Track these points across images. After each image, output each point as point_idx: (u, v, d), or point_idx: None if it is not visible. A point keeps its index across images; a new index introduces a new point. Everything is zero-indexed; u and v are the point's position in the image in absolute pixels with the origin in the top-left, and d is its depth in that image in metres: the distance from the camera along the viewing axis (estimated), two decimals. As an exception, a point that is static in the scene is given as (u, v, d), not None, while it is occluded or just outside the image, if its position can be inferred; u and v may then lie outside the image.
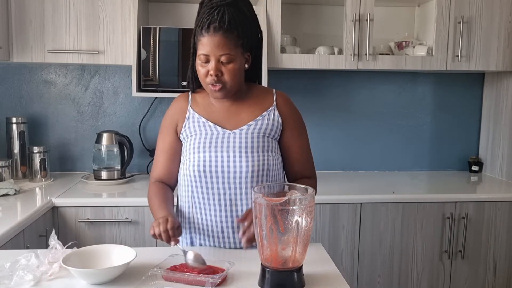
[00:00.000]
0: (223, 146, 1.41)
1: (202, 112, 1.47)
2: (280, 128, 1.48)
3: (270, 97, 1.50)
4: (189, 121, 1.47)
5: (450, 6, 2.51)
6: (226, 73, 1.36)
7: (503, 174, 2.76)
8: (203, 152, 1.41)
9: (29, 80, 2.71)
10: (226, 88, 1.39)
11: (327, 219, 2.30)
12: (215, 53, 1.34)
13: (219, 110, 1.47)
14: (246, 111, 1.47)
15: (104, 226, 2.18)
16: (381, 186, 2.59)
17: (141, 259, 1.27)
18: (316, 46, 2.58)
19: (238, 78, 1.40)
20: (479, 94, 2.98)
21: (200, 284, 1.16)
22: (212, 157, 1.41)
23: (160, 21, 2.66)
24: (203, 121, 1.45)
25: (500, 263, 2.43)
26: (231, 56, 1.35)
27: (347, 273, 2.33)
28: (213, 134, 1.43)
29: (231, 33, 1.34)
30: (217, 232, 1.45)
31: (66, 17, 2.36)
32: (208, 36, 1.34)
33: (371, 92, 2.90)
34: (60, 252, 1.26)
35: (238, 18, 1.36)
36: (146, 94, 2.45)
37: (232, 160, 1.40)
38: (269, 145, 1.44)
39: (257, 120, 1.45)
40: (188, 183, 1.45)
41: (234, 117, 1.46)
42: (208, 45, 1.34)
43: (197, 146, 1.43)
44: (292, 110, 1.52)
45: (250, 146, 1.41)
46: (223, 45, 1.33)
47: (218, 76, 1.36)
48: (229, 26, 1.33)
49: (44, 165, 2.51)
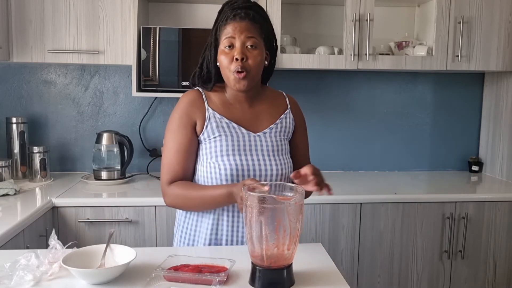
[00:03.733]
0: (252, 150, 1.42)
1: (222, 112, 1.44)
2: (293, 129, 1.53)
3: (283, 100, 1.54)
4: (210, 121, 1.42)
5: (450, 6, 2.51)
6: (251, 58, 1.36)
7: (503, 174, 2.76)
8: (233, 155, 1.40)
9: (29, 80, 2.71)
10: (250, 76, 1.37)
11: (327, 219, 2.30)
12: (241, 35, 1.36)
13: (239, 110, 1.46)
14: (264, 113, 1.48)
15: (104, 226, 2.18)
16: (381, 186, 2.59)
17: (141, 259, 1.27)
18: (316, 46, 2.58)
19: (259, 69, 1.40)
20: (479, 94, 2.98)
21: (205, 283, 1.16)
22: (243, 160, 1.40)
23: (160, 21, 2.66)
24: (226, 122, 1.43)
25: (500, 263, 2.43)
26: (256, 41, 1.37)
27: (347, 273, 2.33)
28: (239, 137, 1.42)
29: (256, 23, 1.38)
30: (243, 232, 1.45)
31: (66, 17, 2.36)
32: (234, 22, 1.37)
33: (371, 92, 2.90)
34: (60, 252, 1.26)
35: (261, 16, 1.41)
36: (146, 94, 2.45)
37: (263, 164, 1.42)
38: (287, 148, 1.50)
39: (277, 124, 1.48)
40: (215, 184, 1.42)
41: (254, 119, 1.47)
42: (235, 29, 1.36)
43: (225, 149, 1.40)
44: (301, 112, 1.58)
45: (276, 150, 1.44)
46: (249, 28, 1.36)
47: (243, 61, 1.35)
48: (254, 18, 1.38)
49: (44, 165, 2.51)
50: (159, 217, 2.20)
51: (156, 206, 2.19)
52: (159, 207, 2.20)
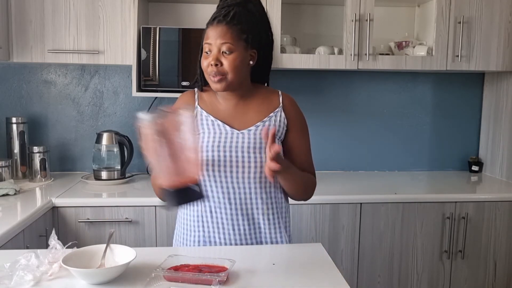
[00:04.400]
0: (232, 146, 1.43)
1: (209, 110, 1.48)
2: (285, 129, 1.50)
3: (276, 98, 1.52)
4: (197, 118, 1.47)
5: (450, 6, 2.51)
6: (226, 63, 1.38)
7: (503, 174, 2.76)
8: (212, 151, 1.42)
9: (29, 80, 2.71)
10: (226, 79, 1.39)
11: (327, 219, 2.30)
12: (216, 41, 1.37)
13: (226, 108, 1.48)
14: (253, 111, 1.48)
15: (104, 226, 2.18)
16: (381, 186, 2.59)
17: (141, 259, 1.27)
18: (316, 46, 2.58)
19: (239, 71, 1.40)
20: (479, 94, 2.98)
21: (205, 283, 1.16)
22: (221, 156, 1.42)
23: (160, 21, 2.66)
24: (212, 120, 1.46)
25: (500, 263, 2.43)
26: (232, 46, 1.37)
27: (347, 273, 2.33)
28: (222, 134, 1.44)
29: (234, 25, 1.38)
30: (229, 229, 1.45)
31: (66, 17, 2.36)
32: (211, 27, 1.39)
33: (371, 92, 2.90)
34: (60, 252, 1.26)
35: (245, 15, 1.40)
36: (146, 94, 2.45)
37: (241, 160, 1.42)
38: None
39: (264, 121, 1.47)
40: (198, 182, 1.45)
41: (241, 117, 1.47)
42: (211, 35, 1.38)
43: (205, 145, 1.43)
44: (297, 112, 1.54)
45: (258, 147, 1.43)
46: (224, 34, 1.37)
47: (217, 66, 1.37)
48: (232, 19, 1.38)
49: (44, 165, 2.51)
50: (159, 217, 2.20)
51: (156, 206, 2.19)
52: (159, 207, 2.20)
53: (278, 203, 1.49)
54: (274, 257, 1.38)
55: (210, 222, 1.46)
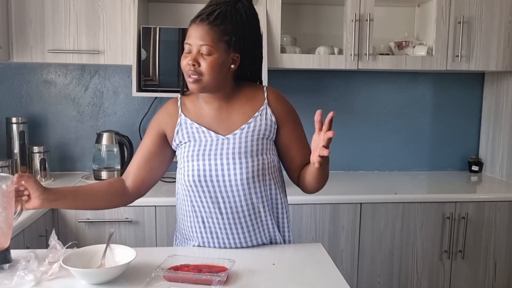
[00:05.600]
0: (217, 154, 1.39)
1: (193, 117, 1.44)
2: (275, 127, 1.43)
3: (260, 95, 1.45)
4: (181, 127, 1.44)
5: (450, 6, 2.51)
6: (203, 64, 1.33)
7: (503, 174, 2.76)
8: (197, 160, 1.39)
9: (29, 80, 2.71)
10: (202, 81, 1.34)
11: (327, 219, 2.30)
12: (196, 42, 1.33)
13: (209, 113, 1.44)
14: (236, 113, 1.43)
15: (104, 226, 2.18)
16: (381, 186, 2.59)
17: (141, 259, 1.27)
18: (316, 46, 2.58)
19: (216, 73, 1.35)
20: (479, 94, 2.98)
21: (205, 283, 1.16)
22: (206, 165, 1.38)
23: (160, 21, 2.66)
24: (196, 127, 1.43)
25: (500, 263, 2.43)
26: (211, 48, 1.32)
27: (347, 273, 2.33)
28: (207, 141, 1.41)
29: (217, 26, 1.33)
30: (223, 238, 1.43)
31: (66, 17, 2.36)
32: (193, 26, 1.34)
33: (371, 92, 2.90)
34: (60, 252, 1.26)
35: (230, 16, 1.34)
36: (146, 94, 2.45)
37: (226, 168, 1.38)
38: (263, 148, 1.41)
39: (249, 123, 1.41)
40: (186, 192, 1.42)
41: (226, 120, 1.42)
42: (192, 34, 1.34)
43: (191, 154, 1.40)
44: (285, 105, 1.47)
45: (244, 152, 1.38)
46: (204, 35, 1.32)
47: (195, 67, 1.33)
48: (216, 19, 1.33)
49: (44, 165, 2.51)
50: (159, 217, 2.20)
51: (156, 206, 2.20)
52: (159, 207, 2.20)
53: (273, 207, 1.45)
54: (274, 257, 1.38)
55: (204, 233, 1.44)
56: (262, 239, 1.46)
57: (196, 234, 1.45)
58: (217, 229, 1.42)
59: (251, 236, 1.43)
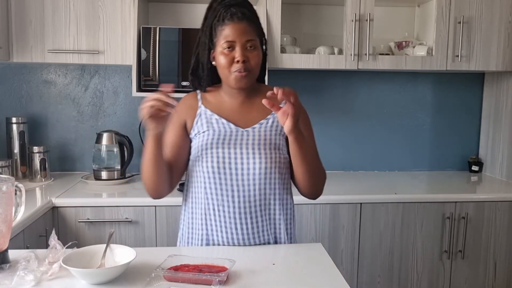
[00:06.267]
0: (236, 144, 1.43)
1: (214, 109, 1.48)
2: None
3: None
4: (201, 117, 1.48)
5: (450, 6, 2.51)
6: (252, 59, 1.39)
7: (503, 174, 2.76)
8: (216, 148, 1.43)
9: (29, 80, 2.71)
10: (251, 75, 1.41)
11: (327, 219, 2.30)
12: (241, 39, 1.38)
13: (231, 106, 1.49)
14: (257, 109, 1.48)
15: (104, 226, 2.18)
16: (381, 186, 2.59)
17: (141, 259, 1.27)
18: (316, 46, 2.58)
19: (259, 68, 1.44)
20: (479, 94, 2.98)
21: (205, 283, 1.16)
22: (226, 153, 1.43)
23: (160, 21, 2.66)
24: (216, 118, 1.46)
25: (500, 263, 2.43)
26: (255, 43, 1.40)
27: (347, 273, 2.33)
28: (227, 131, 1.45)
29: (254, 24, 1.41)
30: (231, 228, 1.44)
31: (66, 17, 2.36)
32: (232, 24, 1.38)
33: (371, 92, 2.90)
34: (60, 252, 1.26)
35: (256, 16, 1.45)
36: (146, 94, 2.43)
37: (246, 157, 1.42)
38: (280, 143, 1.47)
39: (268, 119, 1.48)
40: (202, 179, 1.45)
41: (246, 115, 1.48)
42: (234, 32, 1.38)
43: (210, 143, 1.43)
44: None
45: (263, 144, 1.44)
46: (248, 31, 1.39)
47: (245, 62, 1.38)
48: (251, 18, 1.41)
49: (44, 165, 2.51)
50: (159, 217, 2.20)
51: (156, 206, 2.20)
52: (159, 207, 2.20)
53: (283, 199, 1.48)
54: (274, 257, 1.38)
55: (213, 221, 1.45)
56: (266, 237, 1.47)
57: (204, 222, 1.46)
58: (226, 219, 1.44)
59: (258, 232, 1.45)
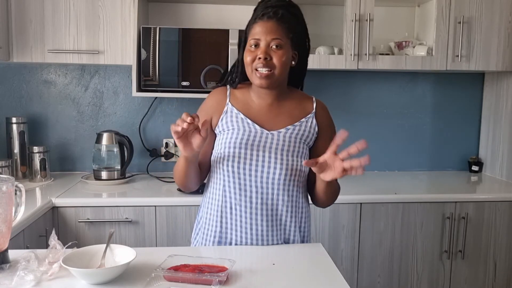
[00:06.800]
0: (260, 146, 1.43)
1: (241, 108, 1.48)
2: (315, 136, 1.50)
3: (310, 104, 1.53)
4: (227, 115, 1.47)
5: (450, 6, 2.51)
6: (275, 57, 1.39)
7: (503, 174, 2.76)
8: (239, 148, 1.42)
9: (29, 80, 2.71)
10: (273, 75, 1.40)
11: (327, 219, 2.30)
12: (266, 37, 1.39)
13: (259, 107, 1.48)
14: (285, 113, 1.48)
15: (104, 226, 2.18)
16: (381, 186, 2.59)
17: (141, 259, 1.27)
18: (316, 46, 2.58)
19: (284, 69, 1.42)
20: (479, 94, 2.98)
21: (205, 283, 1.16)
22: (248, 154, 1.42)
23: (160, 21, 2.66)
24: (242, 117, 1.46)
25: (500, 263, 2.43)
26: (281, 42, 1.39)
27: (347, 273, 2.33)
28: (251, 132, 1.44)
29: (284, 23, 1.41)
30: (246, 228, 1.44)
31: (66, 17, 2.36)
32: (261, 23, 1.40)
33: (371, 92, 2.90)
34: (60, 252, 1.26)
35: (292, 16, 1.44)
36: (146, 94, 2.45)
37: (267, 161, 1.42)
38: (302, 151, 1.46)
39: (295, 125, 1.47)
40: (221, 176, 1.45)
41: (273, 118, 1.47)
42: (260, 30, 1.39)
43: (233, 141, 1.43)
44: (329, 120, 1.55)
45: (286, 150, 1.43)
46: (274, 30, 1.39)
47: (266, 60, 1.38)
48: (282, 17, 1.41)
49: (44, 165, 2.51)
50: (159, 217, 2.20)
51: (156, 206, 2.20)
52: (159, 207, 2.20)
53: (299, 207, 1.48)
54: (274, 257, 1.38)
55: (229, 219, 1.45)
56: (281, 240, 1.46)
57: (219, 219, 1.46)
58: (242, 218, 1.44)
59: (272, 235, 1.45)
